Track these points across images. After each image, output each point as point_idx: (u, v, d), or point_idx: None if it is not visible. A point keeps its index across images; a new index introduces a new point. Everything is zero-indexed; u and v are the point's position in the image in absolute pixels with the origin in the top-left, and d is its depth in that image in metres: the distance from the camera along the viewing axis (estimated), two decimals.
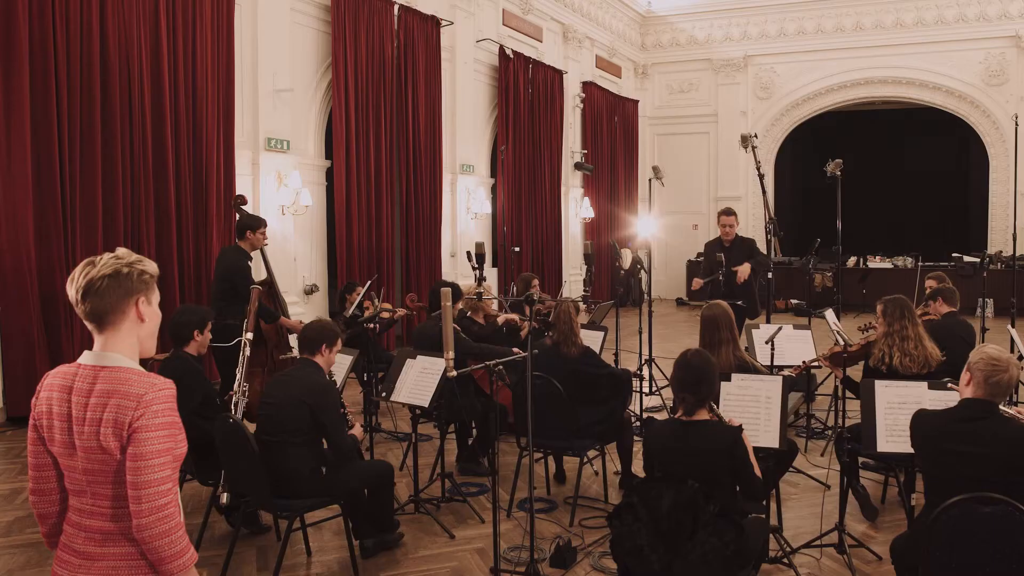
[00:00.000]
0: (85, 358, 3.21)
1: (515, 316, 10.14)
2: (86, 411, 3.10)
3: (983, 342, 9.41)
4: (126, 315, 3.19)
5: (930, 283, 10.19)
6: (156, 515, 3.05)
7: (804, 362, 8.79)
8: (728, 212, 12.41)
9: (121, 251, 3.25)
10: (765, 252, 11.81)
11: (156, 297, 3.32)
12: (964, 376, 4.92)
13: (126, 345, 3.22)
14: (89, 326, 3.21)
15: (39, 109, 10.23)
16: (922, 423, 4.98)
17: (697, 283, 12.43)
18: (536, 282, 10.80)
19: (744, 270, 11.68)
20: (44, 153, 10.31)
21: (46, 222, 10.38)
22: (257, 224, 9.94)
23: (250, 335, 7.03)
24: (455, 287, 9.38)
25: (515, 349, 8.97)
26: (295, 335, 8.29)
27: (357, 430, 6.77)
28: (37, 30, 10.17)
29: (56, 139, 10.38)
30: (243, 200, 10.56)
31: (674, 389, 5.38)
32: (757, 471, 5.27)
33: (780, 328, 8.93)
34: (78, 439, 3.12)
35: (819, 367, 9.17)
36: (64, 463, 3.22)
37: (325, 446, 6.49)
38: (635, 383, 10.59)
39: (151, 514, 3.04)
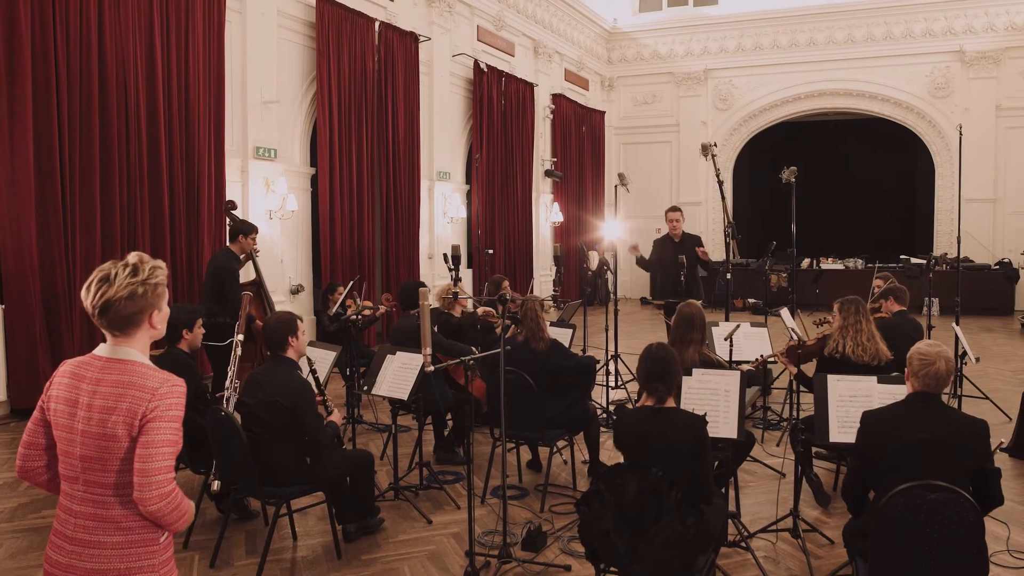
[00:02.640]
0: (100, 350, 3.25)
1: (491, 309, 10.17)
2: (94, 398, 3.13)
3: (929, 339, 9.47)
4: (141, 326, 3.23)
5: (877, 282, 10.21)
6: (165, 501, 3.10)
7: (761, 356, 8.83)
8: (674, 209, 12.74)
9: (132, 258, 3.25)
10: (724, 254, 11.89)
11: (166, 299, 3.35)
12: (906, 372, 4.98)
13: (140, 344, 3.26)
14: (104, 331, 3.24)
15: (41, 119, 10.23)
16: (872, 419, 5.00)
17: (635, 250, 12.70)
18: (506, 283, 10.83)
19: (705, 255, 12.05)
20: (46, 161, 10.31)
21: (47, 225, 10.38)
22: (250, 230, 10.06)
23: (241, 336, 7.04)
24: (423, 286, 9.44)
25: (474, 349, 9.05)
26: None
27: (336, 416, 6.78)
28: (39, 46, 10.16)
29: (57, 148, 10.39)
30: (233, 205, 10.62)
31: (641, 380, 5.40)
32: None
33: (738, 326, 8.96)
34: (81, 424, 3.14)
35: (775, 362, 9.22)
36: (62, 448, 3.23)
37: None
38: (602, 371, 10.67)
39: (160, 500, 3.09)
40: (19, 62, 9.94)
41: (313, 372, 6.98)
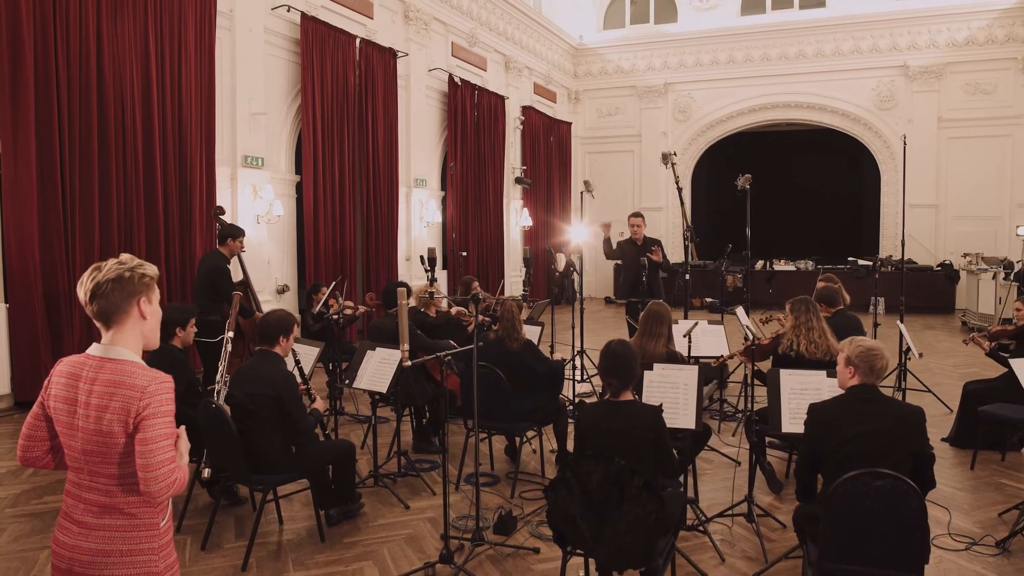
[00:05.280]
0: (94, 350, 3.25)
1: (464, 309, 10.20)
2: (90, 397, 3.15)
3: (875, 336, 9.54)
4: (130, 314, 3.24)
5: (820, 283, 10.27)
6: (172, 490, 3.14)
7: (724, 355, 8.88)
8: (636, 215, 12.85)
9: (125, 256, 3.30)
10: (683, 256, 11.96)
11: (156, 296, 3.37)
12: (847, 371, 5.02)
13: (131, 341, 3.26)
14: (98, 324, 3.25)
15: (43, 130, 10.22)
16: (817, 410, 5.06)
17: (606, 229, 12.82)
18: (476, 283, 10.89)
19: (657, 255, 12.16)
20: (47, 168, 10.30)
21: (49, 228, 10.38)
22: (237, 233, 10.14)
23: (231, 333, 7.07)
24: (405, 286, 9.48)
25: (451, 342, 9.09)
26: None
27: (319, 403, 6.83)
28: (41, 61, 10.14)
29: (58, 156, 10.39)
30: (221, 210, 10.70)
31: (602, 375, 5.44)
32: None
33: (696, 323, 9.01)
34: (81, 421, 3.16)
35: (731, 357, 9.29)
36: (65, 442, 3.26)
37: None
38: (567, 371, 10.71)
39: (167, 490, 3.13)
40: (22, 75, 9.92)
41: (297, 363, 7.03)
